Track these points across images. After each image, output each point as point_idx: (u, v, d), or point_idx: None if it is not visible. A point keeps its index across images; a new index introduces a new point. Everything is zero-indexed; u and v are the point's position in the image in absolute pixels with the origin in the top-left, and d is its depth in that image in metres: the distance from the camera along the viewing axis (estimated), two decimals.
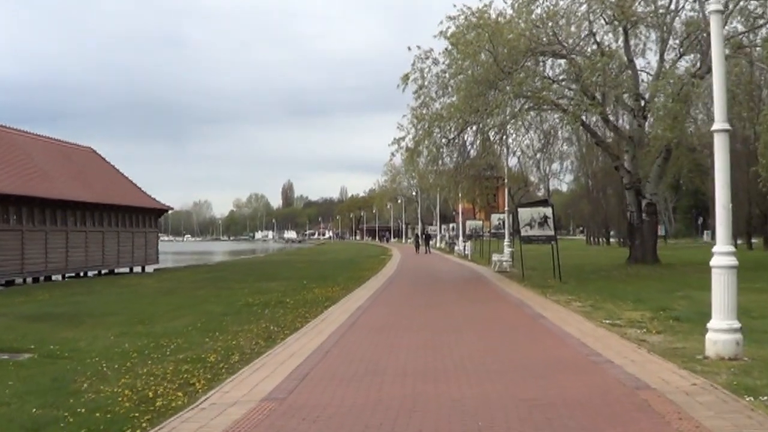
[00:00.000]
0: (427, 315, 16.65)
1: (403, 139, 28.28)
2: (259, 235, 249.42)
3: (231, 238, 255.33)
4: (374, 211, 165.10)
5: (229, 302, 21.59)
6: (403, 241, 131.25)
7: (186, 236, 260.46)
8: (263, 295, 23.66)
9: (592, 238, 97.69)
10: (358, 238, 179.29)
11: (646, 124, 35.01)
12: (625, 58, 33.21)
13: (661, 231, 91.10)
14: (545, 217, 26.58)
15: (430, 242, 72.62)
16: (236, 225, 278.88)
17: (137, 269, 48.62)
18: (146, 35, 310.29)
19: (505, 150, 33.14)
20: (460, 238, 61.18)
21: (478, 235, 50.75)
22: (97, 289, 29.82)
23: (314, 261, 54.01)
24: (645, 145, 36.10)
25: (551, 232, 26.74)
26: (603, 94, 32.64)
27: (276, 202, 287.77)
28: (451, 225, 79.86)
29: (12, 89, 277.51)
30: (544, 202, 28.95)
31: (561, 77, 32.52)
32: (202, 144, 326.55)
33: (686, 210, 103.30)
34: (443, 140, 29.17)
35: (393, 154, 28.26)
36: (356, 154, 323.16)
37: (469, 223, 54.20)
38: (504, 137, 31.52)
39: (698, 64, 32.61)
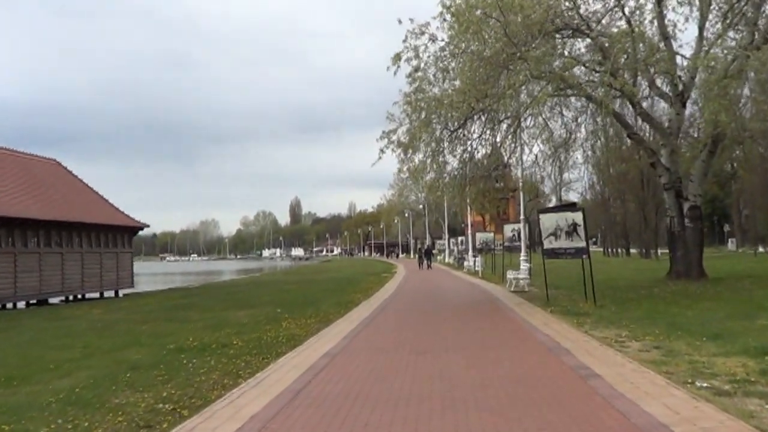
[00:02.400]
0: (417, 372, 11.03)
1: (394, 131, 22.73)
2: (266, 253, 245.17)
3: (238, 256, 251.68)
4: (381, 227, 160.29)
5: (163, 344, 16.23)
6: (411, 256, 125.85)
7: (192, 255, 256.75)
8: (214, 332, 18.34)
9: (610, 250, 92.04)
10: (366, 254, 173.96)
11: (686, 111, 29.65)
12: (656, 37, 27.79)
13: None
14: (574, 225, 20.96)
15: (431, 257, 67.74)
16: (243, 243, 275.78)
17: (110, 294, 43.29)
18: (154, 57, 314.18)
19: (519, 147, 27.51)
20: (470, 252, 55.57)
21: (489, 249, 45.17)
22: (23, 323, 24.42)
23: (309, 281, 48.46)
24: (686, 136, 30.73)
25: (582, 243, 21.11)
26: (634, 76, 27.27)
27: (284, 219, 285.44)
28: (459, 238, 74.29)
29: (17, 111, 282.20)
30: (571, 206, 23.26)
31: (585, 59, 27.03)
32: (211, 163, 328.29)
33: (704, 217, 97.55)
34: (444, 132, 23.56)
35: (382, 151, 22.62)
36: (365, 169, 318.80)
37: (479, 235, 48.51)
38: (518, 131, 25.92)
39: (746, 38, 27.21)
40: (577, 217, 21.13)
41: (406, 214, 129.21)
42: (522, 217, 33.75)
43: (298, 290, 36.28)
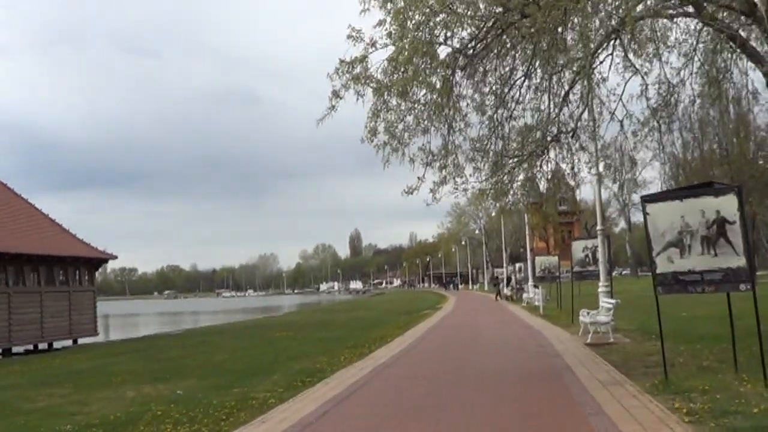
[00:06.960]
0: None
1: (361, 60, 12.13)
2: (323, 286, 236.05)
3: (295, 291, 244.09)
4: (440, 256, 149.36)
5: None
6: (470, 287, 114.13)
7: (248, 291, 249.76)
8: None
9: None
10: (425, 285, 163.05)
11: None
12: None
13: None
14: (721, 223, 10.13)
15: (501, 287, 58.02)
16: (303, 277, 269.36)
17: (66, 343, 33.58)
18: (222, 93, 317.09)
19: (590, 107, 16.40)
20: (530, 281, 44.35)
21: (552, 277, 34.11)
22: None
23: (322, 323, 37.98)
24: None
25: (738, 260, 10.24)
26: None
27: (344, 252, 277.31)
28: (517, 265, 63.01)
29: (86, 150, 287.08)
30: (708, 186, 11.94)
31: None
32: (273, 198, 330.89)
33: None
34: (458, 59, 12.70)
35: (337, 95, 11.95)
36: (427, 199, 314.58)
37: (539, 259, 37.27)
38: (591, 78, 14.96)
39: None
40: (726, 205, 10.22)
41: (463, 242, 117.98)
42: (599, 228, 22.61)
43: (284, 342, 25.88)
